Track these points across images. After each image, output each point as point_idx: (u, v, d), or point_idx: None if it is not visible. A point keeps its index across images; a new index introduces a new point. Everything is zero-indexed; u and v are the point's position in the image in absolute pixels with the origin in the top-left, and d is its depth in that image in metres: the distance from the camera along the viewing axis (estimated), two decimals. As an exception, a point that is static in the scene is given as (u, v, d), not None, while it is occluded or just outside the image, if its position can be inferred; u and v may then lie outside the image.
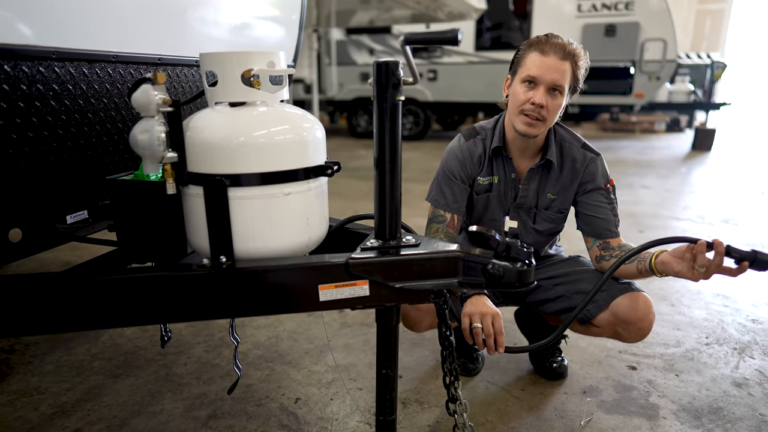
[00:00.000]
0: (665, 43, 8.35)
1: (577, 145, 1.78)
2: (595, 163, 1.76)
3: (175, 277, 1.09)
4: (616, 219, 1.75)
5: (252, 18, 1.95)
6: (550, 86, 1.59)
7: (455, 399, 1.27)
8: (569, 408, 1.82)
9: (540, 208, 1.81)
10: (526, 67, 1.62)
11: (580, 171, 1.76)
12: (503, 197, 1.81)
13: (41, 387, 1.90)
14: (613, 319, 1.67)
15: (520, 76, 1.64)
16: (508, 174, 1.79)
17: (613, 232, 1.73)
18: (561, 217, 1.85)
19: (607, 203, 1.75)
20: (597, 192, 1.75)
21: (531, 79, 1.60)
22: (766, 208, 4.95)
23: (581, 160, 1.76)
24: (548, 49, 1.58)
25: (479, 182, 1.79)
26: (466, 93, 9.70)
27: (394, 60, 1.07)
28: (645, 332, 1.68)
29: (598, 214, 1.74)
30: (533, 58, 1.60)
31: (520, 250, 1.11)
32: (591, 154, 1.77)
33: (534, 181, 1.79)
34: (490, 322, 1.50)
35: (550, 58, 1.57)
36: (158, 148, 1.05)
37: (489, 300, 1.58)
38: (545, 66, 1.58)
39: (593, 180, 1.75)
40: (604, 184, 1.76)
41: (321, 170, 1.18)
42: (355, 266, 1.09)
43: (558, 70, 1.58)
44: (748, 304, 2.69)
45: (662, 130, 12.55)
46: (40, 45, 1.17)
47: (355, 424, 1.72)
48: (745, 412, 1.80)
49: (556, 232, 1.89)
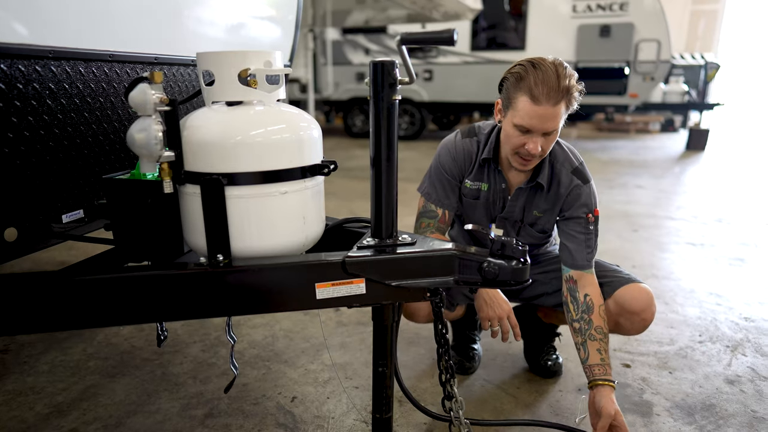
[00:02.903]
0: (659, 44, 8.39)
1: (567, 169, 1.70)
2: (579, 191, 1.68)
3: (172, 276, 1.09)
4: (588, 250, 1.67)
5: (248, 18, 1.95)
6: (544, 132, 1.52)
7: (451, 396, 1.28)
8: (564, 405, 1.83)
9: (525, 223, 1.80)
10: (518, 113, 1.51)
11: (563, 197, 1.70)
12: (491, 206, 1.80)
13: (37, 387, 1.90)
14: (617, 309, 1.69)
15: (512, 120, 1.54)
16: (498, 183, 1.76)
17: (582, 264, 1.66)
18: (543, 237, 1.83)
19: (582, 233, 1.67)
20: (574, 221, 1.69)
21: (524, 128, 1.52)
22: (759, 207, 4.99)
23: (566, 185, 1.69)
24: (540, 96, 1.45)
25: (467, 185, 1.77)
26: (461, 93, 9.71)
27: (390, 60, 1.07)
28: (647, 323, 1.69)
29: (570, 243, 1.69)
30: (524, 105, 1.48)
31: (514, 249, 1.12)
32: (578, 180, 1.69)
33: (522, 197, 1.76)
34: (507, 323, 1.63)
35: (542, 107, 1.46)
36: (155, 147, 1.05)
37: (500, 292, 1.66)
38: (538, 116, 1.48)
39: (572, 208, 1.69)
40: (584, 214, 1.68)
41: (317, 169, 1.19)
42: (351, 264, 1.10)
43: (552, 117, 1.48)
44: (740, 302, 2.71)
45: (657, 130, 12.60)
46: (36, 44, 1.17)
47: (352, 422, 1.73)
48: (737, 408, 1.81)
49: (540, 245, 1.89)
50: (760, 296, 2.80)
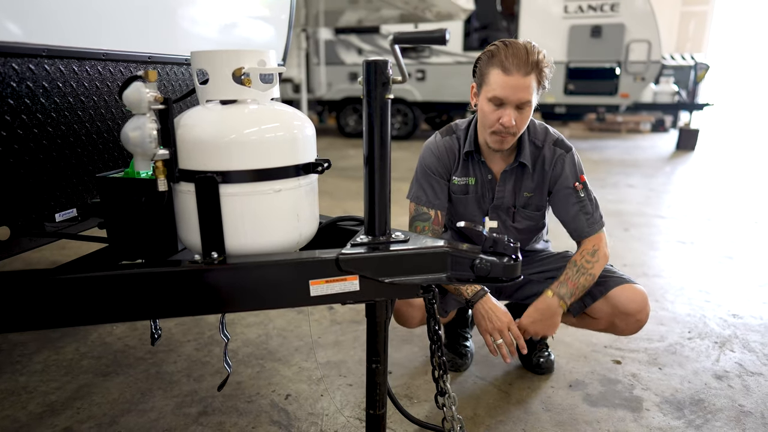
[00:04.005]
0: (650, 45, 8.45)
1: (549, 143, 1.75)
2: (563, 161, 1.73)
3: (166, 274, 1.10)
4: (587, 216, 1.72)
5: (242, 17, 1.96)
6: (517, 104, 1.57)
7: (444, 392, 1.29)
8: (556, 401, 1.85)
9: (518, 207, 1.82)
10: (491, 86, 1.57)
11: (549, 170, 1.74)
12: (481, 199, 1.82)
13: (29, 386, 1.89)
14: (611, 310, 1.70)
15: (486, 95, 1.60)
16: (484, 175, 1.79)
17: (585, 232, 1.73)
18: (539, 215, 1.85)
19: (577, 203, 1.72)
20: (564, 192, 1.73)
21: (498, 99, 1.57)
22: (747, 206, 5.04)
23: (550, 158, 1.74)
24: (510, 67, 1.52)
25: (455, 182, 1.80)
26: (454, 93, 9.73)
27: (383, 59, 1.08)
28: (642, 324, 1.72)
29: (568, 217, 1.75)
30: (496, 77, 1.55)
31: (506, 245, 1.13)
32: (560, 150, 1.73)
33: (509, 181, 1.78)
34: (509, 335, 1.63)
35: (513, 77, 1.52)
36: (150, 145, 1.06)
37: (495, 301, 1.68)
38: (510, 87, 1.53)
39: (560, 179, 1.73)
40: (572, 183, 1.72)
41: (311, 167, 1.20)
42: (345, 261, 1.11)
43: (523, 88, 1.54)
44: (729, 299, 2.75)
45: (647, 130, 12.69)
46: (30, 42, 1.17)
47: (345, 419, 1.74)
48: (725, 403, 1.84)
49: (537, 229, 1.90)
50: (748, 293, 2.84)
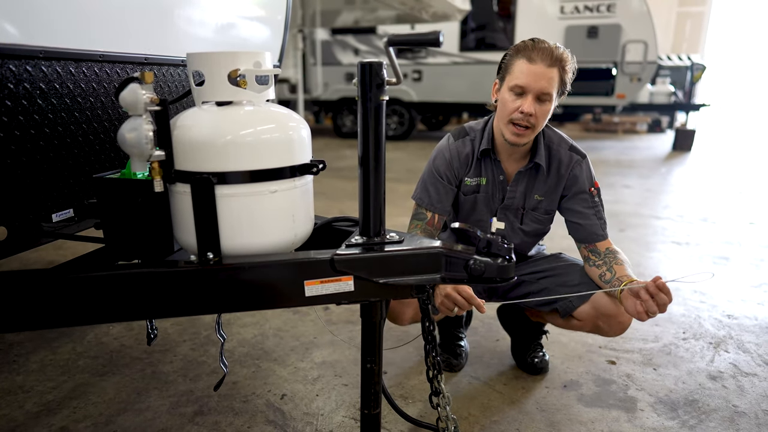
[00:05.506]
0: (646, 45, 8.48)
1: (564, 147, 1.78)
2: (580, 166, 1.77)
3: (162, 274, 1.10)
4: (601, 222, 1.77)
5: (237, 18, 1.96)
6: (538, 94, 1.59)
7: (438, 392, 1.30)
8: (550, 402, 1.86)
9: (527, 209, 1.83)
10: (514, 75, 1.61)
11: (565, 174, 1.77)
12: (491, 198, 1.83)
13: (26, 386, 1.90)
14: (594, 313, 1.72)
15: (508, 84, 1.64)
16: (496, 176, 1.80)
17: (599, 235, 1.76)
18: (548, 218, 1.87)
19: (591, 207, 1.77)
20: (580, 196, 1.77)
21: (519, 87, 1.60)
22: (743, 207, 5.07)
23: (567, 162, 1.77)
24: (535, 57, 1.57)
25: (467, 183, 1.81)
26: (450, 93, 9.74)
27: (378, 60, 1.09)
28: (625, 326, 1.72)
29: (583, 220, 1.76)
30: (521, 66, 1.59)
31: (500, 246, 1.14)
32: (577, 156, 1.78)
33: (522, 183, 1.80)
34: (458, 295, 1.48)
35: (537, 66, 1.57)
36: (146, 146, 1.06)
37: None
38: (533, 74, 1.57)
39: (577, 184, 1.77)
40: (588, 188, 1.77)
41: (306, 168, 1.20)
42: (340, 262, 1.12)
43: (546, 78, 1.58)
44: (723, 300, 2.76)
45: (644, 130, 12.74)
46: (27, 44, 1.17)
47: (341, 419, 1.75)
48: (719, 403, 1.86)
49: (543, 233, 1.91)
50: (743, 294, 2.86)
